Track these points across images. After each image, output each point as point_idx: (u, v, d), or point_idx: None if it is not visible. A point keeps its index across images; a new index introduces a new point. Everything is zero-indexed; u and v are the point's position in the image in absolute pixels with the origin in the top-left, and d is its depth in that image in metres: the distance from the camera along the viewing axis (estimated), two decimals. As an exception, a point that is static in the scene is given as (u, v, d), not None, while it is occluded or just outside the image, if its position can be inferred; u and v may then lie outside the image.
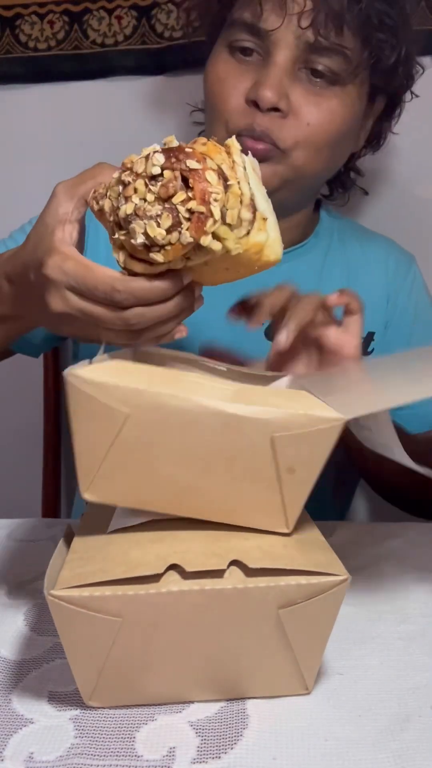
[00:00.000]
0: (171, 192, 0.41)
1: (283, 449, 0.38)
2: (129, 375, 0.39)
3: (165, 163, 0.41)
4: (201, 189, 0.41)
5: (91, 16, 0.98)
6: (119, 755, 0.36)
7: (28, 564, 0.57)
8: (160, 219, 0.41)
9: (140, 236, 0.41)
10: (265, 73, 0.66)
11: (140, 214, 0.41)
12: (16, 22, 0.99)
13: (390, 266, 0.84)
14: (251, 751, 0.36)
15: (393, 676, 0.42)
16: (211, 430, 0.38)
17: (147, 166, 0.41)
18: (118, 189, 0.42)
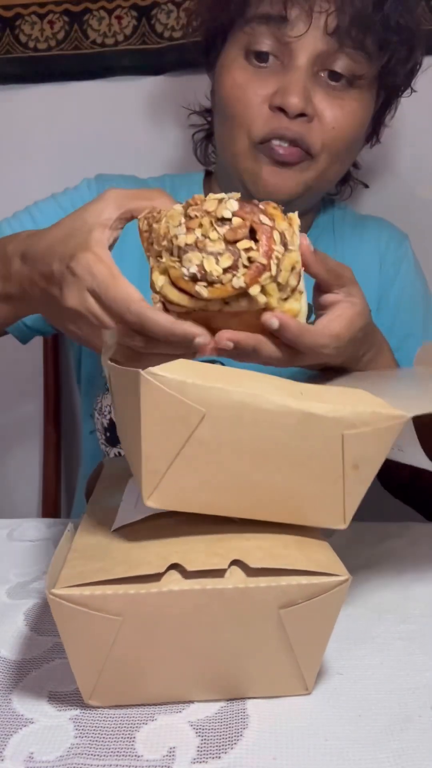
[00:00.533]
0: (238, 237, 0.43)
1: (351, 446, 0.38)
2: (203, 373, 0.38)
3: (238, 210, 0.44)
4: (267, 243, 0.44)
5: (91, 16, 0.99)
6: (119, 755, 0.36)
7: (28, 564, 0.57)
8: (220, 257, 0.43)
9: (193, 266, 0.43)
10: (288, 78, 0.65)
11: (200, 246, 0.43)
12: (16, 22, 0.99)
13: (381, 242, 0.85)
14: (251, 751, 0.36)
15: (393, 676, 0.42)
16: (285, 428, 0.37)
17: (219, 207, 0.44)
18: (179, 219, 0.44)
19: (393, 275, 0.84)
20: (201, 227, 0.44)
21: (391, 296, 0.82)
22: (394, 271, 0.85)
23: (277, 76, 0.67)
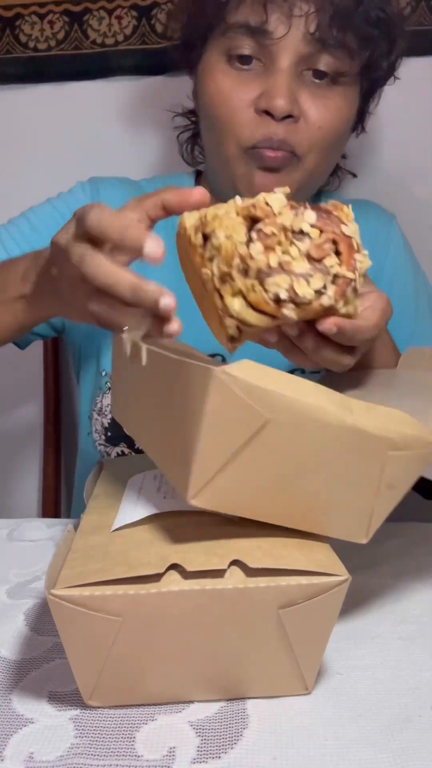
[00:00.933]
0: (325, 254, 0.41)
1: (392, 467, 0.39)
2: (270, 377, 0.37)
3: (317, 222, 0.41)
4: (350, 255, 0.42)
5: (91, 16, 0.99)
6: (119, 755, 0.36)
7: (28, 564, 0.57)
8: (311, 278, 0.41)
9: (283, 291, 0.41)
10: (272, 80, 0.65)
11: (286, 268, 0.40)
12: (16, 22, 0.99)
13: (370, 224, 0.85)
14: (251, 751, 0.36)
15: (393, 676, 0.42)
16: (338, 442, 0.37)
17: (296, 220, 0.41)
18: (242, 232, 0.41)
19: (383, 257, 0.84)
20: (280, 244, 0.41)
21: (383, 278, 0.82)
22: (384, 252, 0.85)
23: (260, 79, 0.67)
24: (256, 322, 0.43)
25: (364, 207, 0.87)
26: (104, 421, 0.83)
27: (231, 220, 0.42)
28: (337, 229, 0.41)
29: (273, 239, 0.40)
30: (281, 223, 0.41)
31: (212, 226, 0.42)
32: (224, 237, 0.41)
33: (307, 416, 0.36)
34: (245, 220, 0.42)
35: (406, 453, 0.39)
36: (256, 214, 0.41)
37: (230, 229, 0.41)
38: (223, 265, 0.42)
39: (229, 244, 0.41)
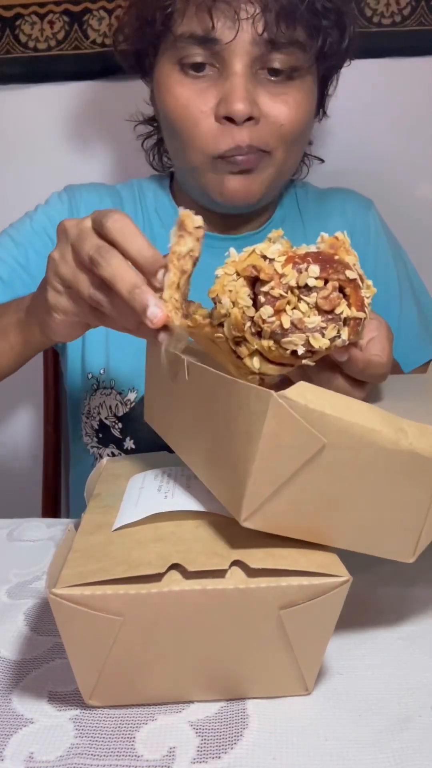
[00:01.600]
0: (334, 305, 0.41)
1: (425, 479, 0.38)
2: (326, 400, 0.36)
3: (321, 273, 0.41)
4: (360, 297, 0.42)
5: (91, 16, 0.99)
6: (119, 755, 0.36)
7: (28, 564, 0.57)
8: (325, 331, 0.41)
9: (300, 348, 0.41)
10: (229, 85, 0.65)
11: (300, 326, 0.41)
12: (16, 22, 0.99)
13: (347, 211, 0.85)
14: (251, 751, 0.36)
15: (393, 676, 0.42)
16: (393, 465, 0.37)
17: (300, 278, 0.41)
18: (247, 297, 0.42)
19: (364, 243, 0.84)
20: (289, 304, 0.41)
21: (367, 264, 0.83)
22: (365, 239, 0.85)
23: (216, 86, 0.67)
24: (276, 372, 0.44)
25: (342, 195, 0.87)
26: (93, 423, 0.83)
27: (233, 284, 0.42)
28: (342, 275, 0.41)
29: (282, 301, 0.41)
30: (287, 284, 0.41)
31: (216, 291, 0.43)
32: (230, 304, 0.42)
33: (363, 440, 0.36)
34: (246, 280, 0.42)
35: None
36: (258, 276, 0.41)
37: (235, 294, 0.42)
38: (236, 332, 0.43)
39: (237, 312, 0.42)
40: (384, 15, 0.96)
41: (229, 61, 0.65)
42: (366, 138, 1.01)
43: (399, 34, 0.96)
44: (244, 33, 0.64)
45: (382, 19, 0.96)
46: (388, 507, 0.38)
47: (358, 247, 0.82)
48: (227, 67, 0.66)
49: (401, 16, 0.96)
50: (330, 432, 0.35)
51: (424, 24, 0.96)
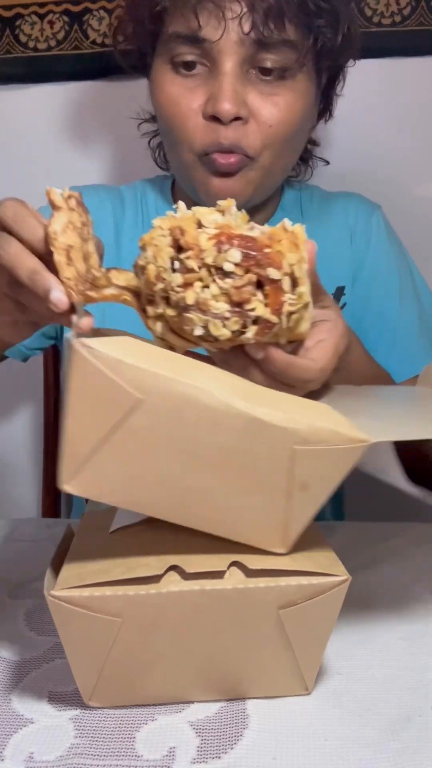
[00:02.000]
0: (245, 298, 0.39)
1: (302, 463, 0.35)
2: (147, 356, 0.34)
3: (242, 261, 0.38)
4: (278, 302, 0.39)
5: (91, 16, 0.99)
6: (119, 755, 0.36)
7: (28, 564, 0.57)
8: (227, 322, 0.39)
9: (198, 328, 0.39)
10: (217, 84, 0.65)
11: (203, 308, 0.39)
12: (16, 22, 0.99)
13: (350, 214, 0.84)
14: (251, 751, 0.36)
15: (393, 676, 0.42)
16: (229, 431, 0.35)
17: (218, 258, 0.38)
18: (168, 257, 0.39)
19: (365, 248, 0.83)
20: (201, 281, 0.39)
21: (365, 269, 0.82)
22: (366, 243, 0.84)
23: (206, 85, 0.66)
24: (180, 345, 0.42)
25: (346, 199, 0.86)
26: None
27: (160, 240, 0.40)
28: (263, 270, 0.39)
29: (193, 275, 0.39)
30: (203, 259, 0.39)
31: (143, 241, 0.41)
32: (151, 257, 0.40)
33: (186, 398, 0.33)
34: (174, 241, 0.40)
35: (318, 448, 0.35)
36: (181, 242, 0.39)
37: (156, 251, 0.40)
38: (146, 289, 0.41)
39: (153, 269, 0.40)
40: (384, 15, 0.96)
41: (218, 60, 0.65)
42: (366, 138, 1.01)
43: (399, 34, 0.96)
44: (231, 32, 0.64)
45: (382, 19, 0.96)
46: (239, 485, 0.36)
47: (357, 250, 0.82)
48: (216, 66, 0.66)
49: (401, 16, 0.96)
50: (147, 388, 0.33)
51: (424, 24, 0.95)
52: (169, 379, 0.34)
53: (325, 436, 0.35)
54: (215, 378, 0.36)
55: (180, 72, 0.68)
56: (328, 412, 0.37)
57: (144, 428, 0.34)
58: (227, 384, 0.36)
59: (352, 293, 0.80)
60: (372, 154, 1.01)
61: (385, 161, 1.01)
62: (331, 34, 0.68)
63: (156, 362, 0.34)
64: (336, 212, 0.85)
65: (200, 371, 0.36)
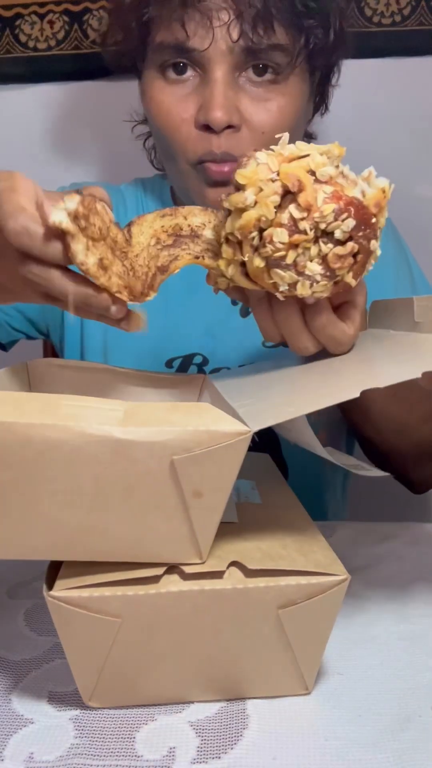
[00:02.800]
0: (343, 267, 0.38)
1: (186, 472, 0.34)
2: None
3: (353, 231, 0.38)
4: (363, 270, 0.40)
5: (91, 16, 0.99)
6: (119, 755, 0.36)
7: (27, 564, 0.57)
8: (316, 284, 0.39)
9: (284, 285, 0.39)
10: (209, 93, 0.64)
11: (299, 269, 0.38)
12: (16, 22, 0.99)
13: None
14: (251, 751, 0.36)
15: (393, 676, 0.42)
16: (98, 460, 0.33)
17: (332, 225, 0.37)
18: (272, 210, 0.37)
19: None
20: (305, 243, 0.37)
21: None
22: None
23: (197, 93, 0.66)
24: (247, 286, 0.41)
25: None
26: None
27: (268, 185, 0.37)
28: (367, 242, 0.38)
29: (302, 237, 0.37)
30: (317, 223, 0.37)
31: (244, 176, 0.38)
32: (251, 202, 0.37)
33: (41, 440, 0.33)
34: (283, 188, 0.37)
35: (197, 453, 0.34)
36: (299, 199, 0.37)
37: (263, 197, 0.37)
38: (238, 233, 0.38)
39: (253, 215, 0.37)
40: (384, 15, 0.96)
41: (208, 68, 0.65)
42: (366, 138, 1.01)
43: (399, 34, 0.96)
44: (219, 41, 0.63)
45: (382, 19, 0.96)
46: (133, 510, 0.35)
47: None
48: (207, 74, 0.65)
49: (401, 16, 0.96)
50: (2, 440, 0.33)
51: (424, 24, 0.95)
52: (19, 425, 0.32)
53: (203, 438, 0.34)
54: (77, 409, 0.34)
55: (170, 78, 0.67)
56: (206, 411, 0.35)
57: (10, 479, 0.34)
58: (90, 413, 0.34)
59: None
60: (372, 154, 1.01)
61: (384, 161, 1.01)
62: (322, 33, 0.68)
63: (6, 409, 0.33)
64: None
65: (59, 407, 0.34)
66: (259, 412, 0.37)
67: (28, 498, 0.34)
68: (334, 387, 0.39)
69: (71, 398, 0.35)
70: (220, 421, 0.34)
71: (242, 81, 0.66)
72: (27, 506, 0.34)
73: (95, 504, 0.34)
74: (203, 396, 0.50)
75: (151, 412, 0.35)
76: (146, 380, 0.50)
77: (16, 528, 0.35)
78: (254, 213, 0.38)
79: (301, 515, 0.44)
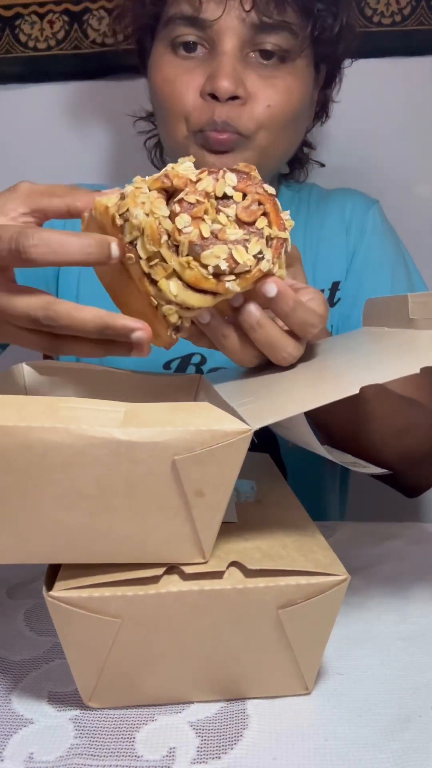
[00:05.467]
0: (256, 216, 0.38)
1: (188, 472, 0.34)
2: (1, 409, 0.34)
3: (239, 184, 0.38)
4: (280, 218, 0.39)
5: (91, 16, 0.99)
6: (119, 755, 0.36)
7: (28, 564, 0.56)
8: (248, 244, 0.38)
9: (222, 261, 0.38)
10: (216, 64, 0.65)
11: (221, 237, 0.38)
12: (16, 21, 0.99)
13: (347, 209, 0.84)
14: (251, 751, 0.36)
15: (393, 676, 0.42)
16: (99, 462, 0.33)
17: (217, 186, 0.38)
18: (163, 207, 0.38)
19: (359, 240, 0.83)
20: (207, 213, 0.37)
21: (357, 260, 0.82)
22: (359, 235, 0.84)
23: (205, 65, 0.67)
24: (198, 303, 0.40)
25: (343, 195, 0.86)
26: None
27: (146, 195, 0.38)
28: (260, 188, 0.39)
29: (199, 207, 0.38)
30: (203, 190, 0.38)
31: (127, 205, 0.38)
32: (144, 214, 0.38)
33: (42, 444, 0.33)
34: (160, 193, 0.39)
35: (198, 452, 0.34)
36: (172, 185, 0.38)
37: (149, 204, 0.38)
38: (150, 245, 0.38)
39: (152, 221, 0.38)
40: (384, 15, 0.96)
41: (218, 41, 0.66)
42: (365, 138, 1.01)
43: (399, 34, 0.96)
44: (232, 11, 0.65)
45: (382, 19, 0.96)
46: (137, 511, 0.35)
47: (351, 243, 0.82)
48: (216, 47, 0.66)
49: (401, 15, 0.96)
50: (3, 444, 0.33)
51: (424, 24, 0.95)
52: (19, 429, 0.32)
53: (203, 438, 0.34)
54: (77, 411, 0.34)
55: (179, 53, 0.68)
56: (207, 410, 0.35)
57: (12, 482, 0.34)
58: (91, 414, 0.34)
59: (344, 286, 0.80)
60: (371, 153, 1.01)
61: (384, 161, 1.01)
62: (330, 20, 0.69)
63: (7, 413, 0.33)
64: (333, 208, 0.85)
65: (59, 409, 0.34)
66: (259, 410, 0.37)
67: (30, 502, 0.34)
68: (333, 384, 0.39)
69: (71, 400, 0.35)
70: (221, 421, 0.34)
71: (250, 59, 0.67)
72: (29, 510, 0.34)
73: (98, 506, 0.34)
74: (199, 396, 0.50)
75: (152, 412, 0.35)
76: (142, 381, 0.50)
77: (18, 532, 0.35)
78: (151, 219, 0.38)
79: (301, 515, 0.44)
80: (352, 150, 1.01)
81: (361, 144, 1.01)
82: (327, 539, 0.41)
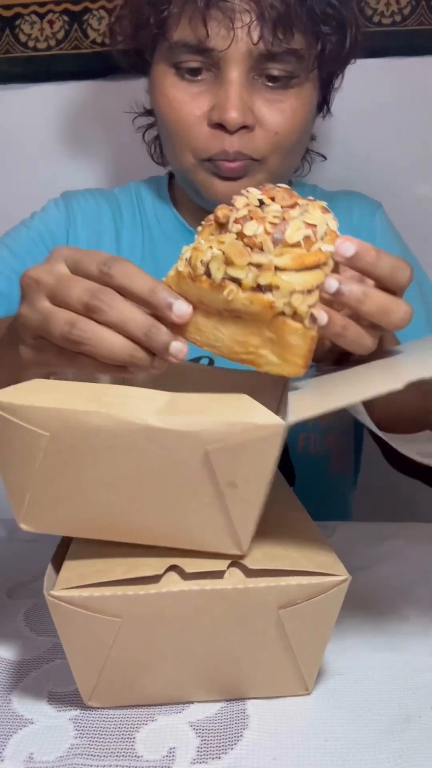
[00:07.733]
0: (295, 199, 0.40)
1: (220, 463, 0.34)
2: (48, 394, 0.36)
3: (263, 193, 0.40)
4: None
5: (91, 16, 0.99)
6: (119, 755, 0.36)
7: (27, 564, 0.57)
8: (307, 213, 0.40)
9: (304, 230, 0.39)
10: (223, 93, 0.64)
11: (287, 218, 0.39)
12: (16, 21, 0.99)
13: (353, 213, 0.84)
14: (251, 751, 0.36)
15: (393, 676, 0.42)
16: (136, 447, 0.34)
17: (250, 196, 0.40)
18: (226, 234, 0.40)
19: None
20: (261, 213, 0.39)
21: None
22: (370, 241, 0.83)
23: (211, 91, 0.66)
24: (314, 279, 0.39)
25: (348, 198, 0.86)
26: None
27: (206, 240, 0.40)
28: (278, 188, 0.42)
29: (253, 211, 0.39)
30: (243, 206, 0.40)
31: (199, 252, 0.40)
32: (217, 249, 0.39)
33: (85, 427, 0.34)
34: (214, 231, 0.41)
35: (231, 443, 0.34)
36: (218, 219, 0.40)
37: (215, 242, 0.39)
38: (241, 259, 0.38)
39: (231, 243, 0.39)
40: (384, 15, 0.96)
41: (224, 69, 0.65)
42: (366, 138, 1.01)
43: (399, 34, 0.96)
44: (240, 42, 0.63)
45: (382, 19, 0.96)
46: (171, 497, 0.36)
47: None
48: (222, 74, 0.65)
49: (401, 15, 0.96)
50: (50, 424, 0.35)
51: (424, 24, 0.95)
52: (67, 412, 0.34)
53: (236, 430, 0.34)
54: (120, 398, 0.36)
55: (184, 77, 0.67)
56: (243, 401, 0.36)
57: (60, 461, 0.36)
58: (133, 402, 0.35)
59: None
60: (372, 153, 1.01)
61: (384, 161, 1.01)
62: (337, 40, 0.68)
63: (58, 398, 0.35)
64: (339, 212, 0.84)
65: (105, 395, 0.36)
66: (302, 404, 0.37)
67: (77, 480, 0.36)
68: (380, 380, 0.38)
69: (119, 388, 0.37)
70: (254, 413, 0.34)
71: (256, 83, 0.66)
72: (75, 488, 0.36)
73: (135, 489, 0.36)
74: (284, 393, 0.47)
75: (191, 402, 0.36)
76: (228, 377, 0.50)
77: (67, 507, 0.37)
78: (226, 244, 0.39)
79: (302, 515, 0.44)
80: (352, 150, 1.01)
81: (361, 144, 1.01)
82: (327, 539, 0.41)
